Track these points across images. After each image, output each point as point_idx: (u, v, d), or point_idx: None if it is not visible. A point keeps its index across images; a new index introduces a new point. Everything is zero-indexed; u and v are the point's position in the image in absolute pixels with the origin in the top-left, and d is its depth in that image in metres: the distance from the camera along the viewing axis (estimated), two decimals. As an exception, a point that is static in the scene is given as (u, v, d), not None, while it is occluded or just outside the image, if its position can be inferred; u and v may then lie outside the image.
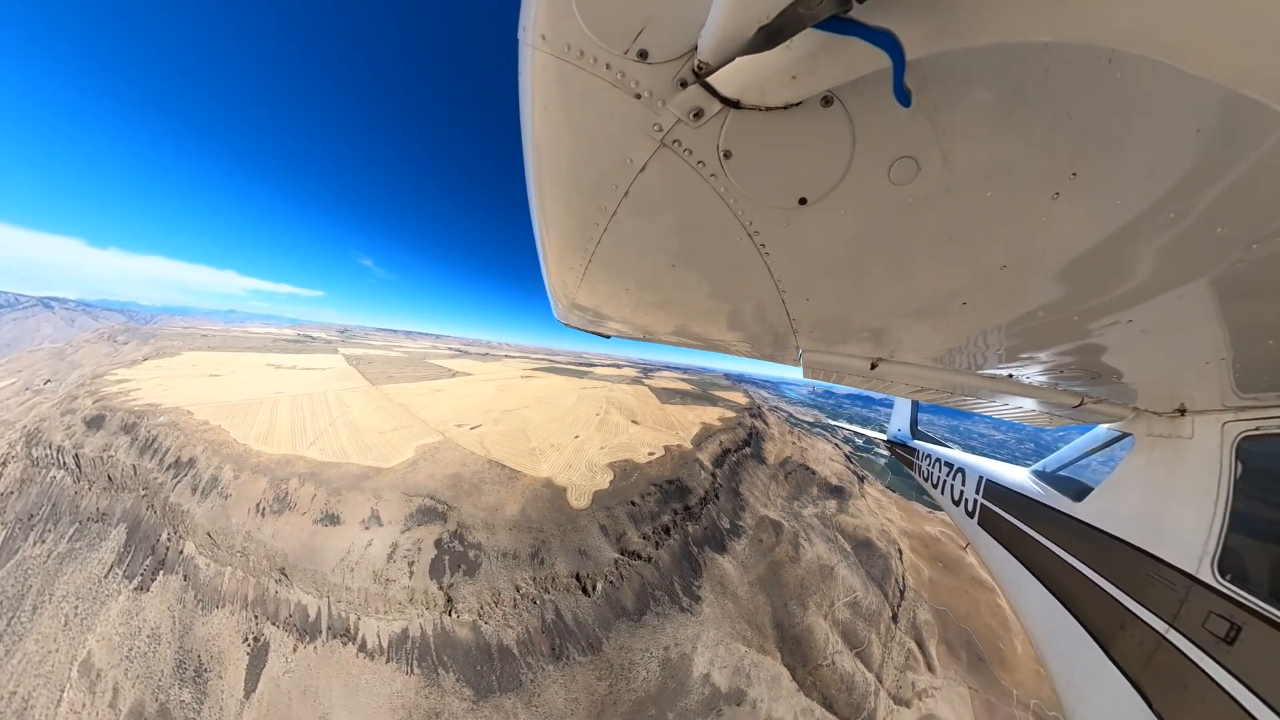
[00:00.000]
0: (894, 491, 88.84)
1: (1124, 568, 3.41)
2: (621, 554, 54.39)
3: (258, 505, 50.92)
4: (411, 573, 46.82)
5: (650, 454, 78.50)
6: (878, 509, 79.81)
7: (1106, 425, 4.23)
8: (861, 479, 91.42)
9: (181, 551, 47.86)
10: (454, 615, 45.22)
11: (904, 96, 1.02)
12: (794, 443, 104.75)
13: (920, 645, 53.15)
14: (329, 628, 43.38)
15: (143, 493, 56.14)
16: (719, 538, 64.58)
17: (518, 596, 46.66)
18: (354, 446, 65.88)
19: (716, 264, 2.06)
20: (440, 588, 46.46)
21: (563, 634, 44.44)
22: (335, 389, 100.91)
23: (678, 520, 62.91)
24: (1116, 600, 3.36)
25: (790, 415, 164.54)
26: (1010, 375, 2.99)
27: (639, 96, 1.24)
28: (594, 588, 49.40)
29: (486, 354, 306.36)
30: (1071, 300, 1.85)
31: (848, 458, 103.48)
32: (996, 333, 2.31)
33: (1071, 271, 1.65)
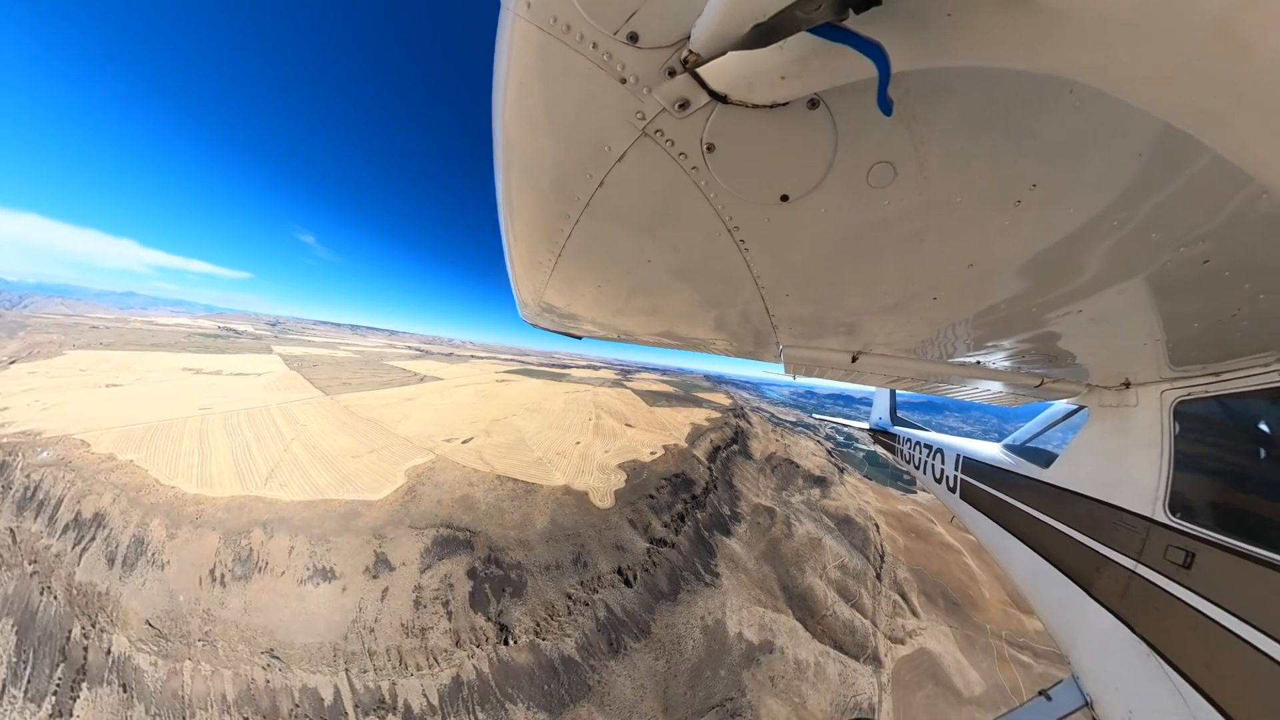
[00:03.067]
0: (870, 479, 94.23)
1: (1092, 519, 3.61)
2: (651, 543, 53.89)
3: (212, 572, 36.95)
4: (449, 613, 38.49)
5: (652, 453, 76.60)
6: (855, 493, 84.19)
7: (1065, 400, 4.37)
8: (842, 470, 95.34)
9: (109, 651, 32.61)
10: (511, 643, 39.04)
11: (886, 106, 1.01)
12: (778, 440, 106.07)
13: (904, 597, 57.83)
14: (356, 706, 32.52)
15: (31, 569, 37.79)
16: (723, 523, 65.95)
17: (570, 604, 42.69)
18: (327, 478, 51.13)
19: (695, 260, 1.91)
20: (489, 619, 39.94)
21: (616, 627, 42.41)
22: (280, 402, 78.83)
23: (689, 509, 63.69)
24: (1089, 548, 3.54)
25: (772, 415, 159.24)
26: (978, 362, 3.06)
27: (624, 81, 1.12)
28: (634, 578, 48.25)
29: (451, 354, 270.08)
30: (1030, 294, 1.92)
31: (829, 452, 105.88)
32: (965, 324, 2.34)
33: (1030, 269, 1.71)
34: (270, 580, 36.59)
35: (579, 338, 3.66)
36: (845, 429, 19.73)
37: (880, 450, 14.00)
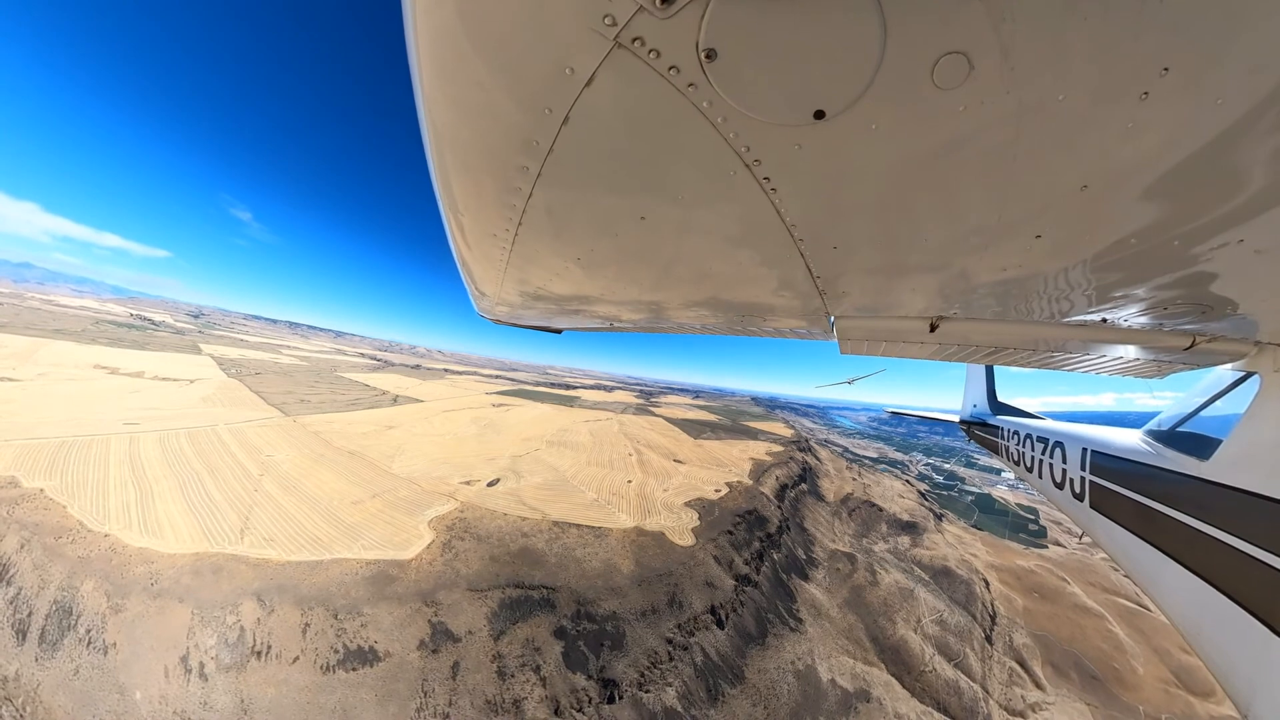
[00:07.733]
0: (981, 529, 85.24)
1: (1275, 527, 2.86)
2: (736, 580, 53.57)
3: (184, 660, 28.20)
4: (543, 679, 34.66)
5: (717, 490, 73.48)
6: (957, 543, 78.15)
7: (1226, 366, 3.48)
8: (939, 516, 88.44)
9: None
10: (617, 701, 35.83)
11: None
12: (854, 479, 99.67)
13: (1023, 665, 52.34)
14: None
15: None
16: (799, 566, 63.75)
17: (670, 649, 42.16)
18: (330, 531, 41.44)
19: (703, 210, 1.54)
20: (590, 678, 36.26)
21: (713, 672, 42.05)
22: (230, 422, 64.78)
23: (765, 548, 63.22)
24: (1273, 567, 2.82)
25: (846, 450, 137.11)
26: (1104, 320, 2.48)
27: None
28: (726, 618, 48.18)
29: (418, 366, 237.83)
30: (1170, 222, 1.50)
31: (922, 495, 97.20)
32: (1081, 269, 1.88)
33: (1167, 187, 1.34)
34: (278, 669, 27.81)
35: (558, 331, 3.06)
36: (929, 419, 17.50)
37: (981, 446, 11.87)
